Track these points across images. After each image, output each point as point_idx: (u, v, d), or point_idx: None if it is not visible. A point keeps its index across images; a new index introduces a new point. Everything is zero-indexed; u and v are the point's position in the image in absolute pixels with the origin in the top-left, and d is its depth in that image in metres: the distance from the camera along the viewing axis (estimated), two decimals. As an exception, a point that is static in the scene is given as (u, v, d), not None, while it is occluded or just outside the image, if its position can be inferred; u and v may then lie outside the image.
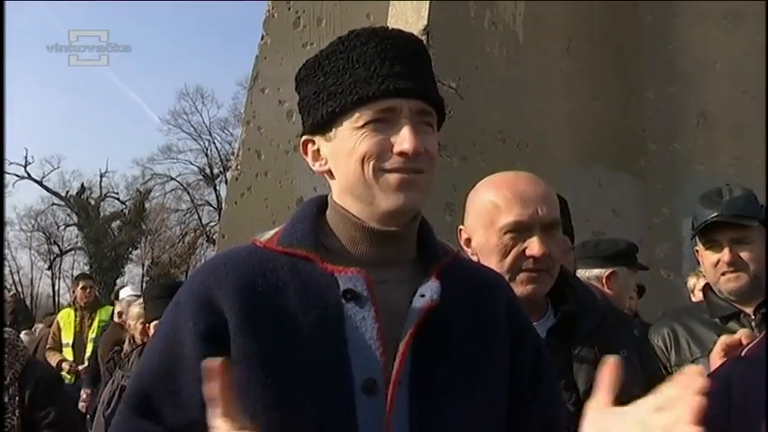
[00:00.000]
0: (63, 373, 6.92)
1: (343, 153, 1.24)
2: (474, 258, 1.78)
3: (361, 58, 1.23)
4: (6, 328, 4.49)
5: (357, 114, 1.21)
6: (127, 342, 5.15)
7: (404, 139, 1.19)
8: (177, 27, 63.27)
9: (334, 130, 1.25)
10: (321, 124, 1.26)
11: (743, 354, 1.48)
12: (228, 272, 1.23)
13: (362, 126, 1.21)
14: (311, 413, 1.15)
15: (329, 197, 1.33)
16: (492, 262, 1.72)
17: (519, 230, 1.72)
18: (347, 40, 1.27)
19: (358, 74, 1.22)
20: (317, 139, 1.30)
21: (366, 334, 1.19)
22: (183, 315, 1.22)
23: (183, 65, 61.84)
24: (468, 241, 1.84)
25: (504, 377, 1.29)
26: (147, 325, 3.76)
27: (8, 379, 3.95)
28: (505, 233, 1.72)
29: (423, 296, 1.23)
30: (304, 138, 1.32)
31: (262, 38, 6.41)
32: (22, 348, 4.14)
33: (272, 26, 6.35)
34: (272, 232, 1.32)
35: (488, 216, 1.76)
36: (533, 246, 1.70)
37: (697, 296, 4.61)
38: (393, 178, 1.21)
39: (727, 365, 1.51)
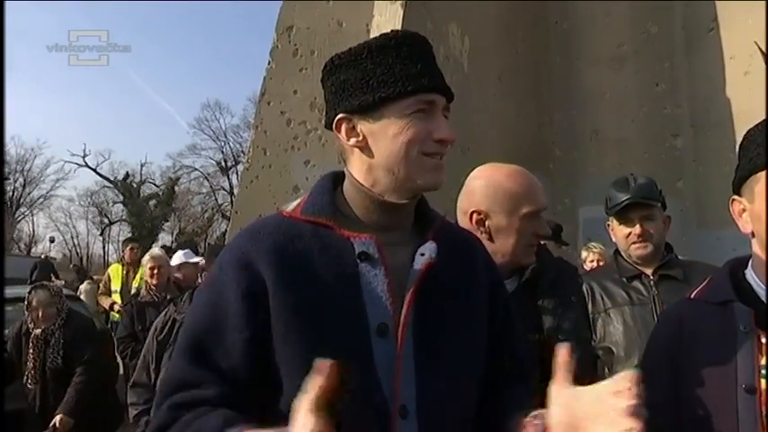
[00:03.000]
0: (112, 312, 6.83)
1: (389, 134, 1.11)
2: (483, 236, 1.60)
3: (409, 56, 1.12)
4: (52, 283, 4.32)
5: (408, 102, 1.10)
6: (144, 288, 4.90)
7: (443, 129, 1.11)
8: (202, 56, 62.42)
9: (381, 112, 1.11)
10: (369, 106, 1.11)
11: (691, 296, 1.37)
12: (263, 239, 1.10)
13: (411, 113, 1.10)
14: (336, 354, 1.01)
15: (346, 172, 1.19)
16: (509, 239, 1.60)
17: (535, 216, 1.61)
18: (393, 39, 1.14)
19: (409, 68, 1.10)
20: (356, 118, 1.13)
21: (378, 288, 1.08)
22: (226, 277, 1.08)
23: (206, 84, 61.27)
24: (481, 222, 1.63)
25: (485, 318, 1.20)
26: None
27: (56, 324, 3.82)
28: (527, 219, 1.60)
29: (423, 255, 1.12)
30: (341, 115, 1.15)
31: (268, 63, 6.30)
32: (65, 300, 4.02)
33: (277, 55, 6.23)
34: (294, 203, 1.19)
35: (510, 202, 1.60)
36: (544, 228, 1.63)
37: (588, 265, 4.59)
38: (432, 162, 1.11)
39: (677, 305, 1.41)
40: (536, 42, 6.75)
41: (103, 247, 40.07)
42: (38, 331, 3.79)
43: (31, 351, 3.76)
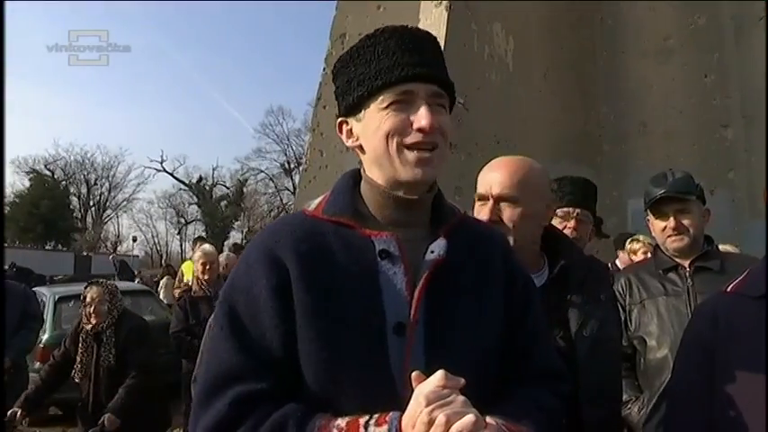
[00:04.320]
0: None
1: (371, 130, 1.08)
2: None
3: (385, 51, 1.08)
4: (109, 281, 4.07)
5: (382, 97, 1.06)
6: (195, 283, 4.82)
7: (421, 117, 1.04)
8: (267, 66, 63.85)
9: (363, 111, 1.10)
10: (353, 107, 1.10)
11: (728, 289, 1.30)
12: (287, 235, 1.08)
13: (386, 107, 1.06)
14: (353, 352, 1.01)
15: (361, 170, 1.17)
16: None
17: (481, 200, 1.58)
18: (374, 36, 1.10)
19: (382, 63, 1.07)
20: (350, 119, 1.13)
21: (397, 285, 1.05)
22: (255, 272, 1.06)
23: (270, 91, 62.71)
24: None
25: (499, 311, 1.14)
26: None
27: (107, 322, 3.68)
28: (477, 200, 1.60)
29: (432, 252, 1.08)
30: (339, 119, 1.15)
31: (323, 69, 6.36)
32: (120, 299, 3.86)
33: (331, 61, 6.27)
34: (316, 202, 1.17)
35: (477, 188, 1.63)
36: (484, 212, 1.56)
37: (633, 258, 4.42)
38: (412, 155, 1.06)
39: (713, 299, 1.34)
40: (581, 39, 6.58)
41: (180, 245, 41.44)
42: (88, 327, 3.68)
43: (80, 346, 3.65)
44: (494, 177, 1.57)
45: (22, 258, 19.09)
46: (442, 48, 1.18)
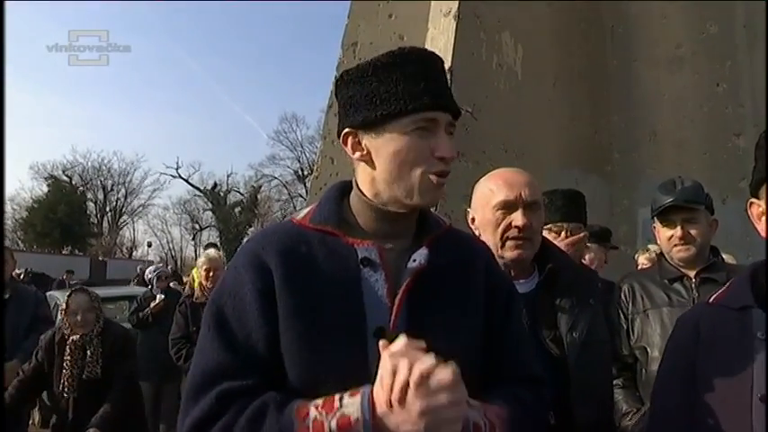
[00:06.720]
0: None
1: (390, 150, 1.09)
2: (477, 233, 1.65)
3: (412, 75, 1.09)
4: (91, 289, 3.86)
5: (408, 120, 1.08)
6: (198, 289, 4.65)
7: (444, 147, 1.09)
8: (281, 72, 64.40)
9: (383, 129, 1.10)
10: (372, 122, 1.10)
11: (710, 300, 1.28)
12: (274, 242, 1.12)
13: (411, 131, 1.08)
14: (334, 354, 1.04)
15: (353, 182, 1.19)
16: (488, 233, 1.60)
17: (506, 207, 1.59)
18: (399, 56, 1.11)
19: (411, 87, 1.08)
20: (361, 132, 1.12)
21: (378, 292, 1.08)
22: (242, 276, 1.09)
23: (284, 98, 63.19)
24: (473, 220, 1.69)
25: (479, 320, 1.16)
26: None
27: (94, 331, 3.47)
28: (497, 210, 1.59)
29: (414, 261, 1.10)
30: (347, 130, 1.14)
31: (335, 77, 6.34)
32: (101, 310, 3.65)
33: (343, 69, 6.26)
34: (305, 211, 1.20)
35: (485, 198, 1.63)
36: (517, 218, 1.56)
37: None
38: (433, 182, 1.10)
39: (696, 310, 1.33)
40: (592, 47, 6.55)
41: (195, 251, 41.67)
42: (75, 337, 3.42)
43: (68, 358, 3.37)
44: (520, 184, 1.60)
45: (40, 262, 19.31)
46: (450, 56, 1.20)
